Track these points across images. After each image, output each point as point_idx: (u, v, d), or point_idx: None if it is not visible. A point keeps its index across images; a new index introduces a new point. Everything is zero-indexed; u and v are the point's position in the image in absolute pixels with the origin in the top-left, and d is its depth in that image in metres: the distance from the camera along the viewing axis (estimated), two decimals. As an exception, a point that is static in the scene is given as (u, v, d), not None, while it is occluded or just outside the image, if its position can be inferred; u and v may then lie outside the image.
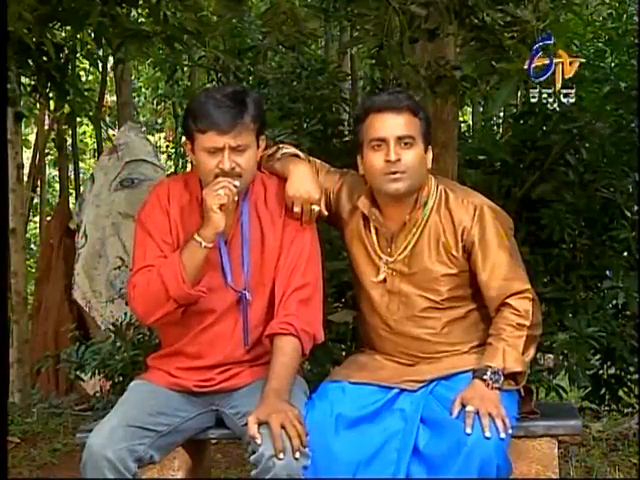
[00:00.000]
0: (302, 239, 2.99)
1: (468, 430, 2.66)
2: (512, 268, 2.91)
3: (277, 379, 2.81)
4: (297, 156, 3.12)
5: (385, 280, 2.98)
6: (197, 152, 2.94)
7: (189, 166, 10.37)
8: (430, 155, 2.98)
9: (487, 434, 2.65)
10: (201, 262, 2.88)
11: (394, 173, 2.89)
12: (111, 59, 8.72)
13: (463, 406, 2.72)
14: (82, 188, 9.63)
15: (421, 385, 2.88)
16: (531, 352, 2.87)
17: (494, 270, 2.89)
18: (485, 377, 2.77)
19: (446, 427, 2.72)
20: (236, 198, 2.89)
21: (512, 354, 2.81)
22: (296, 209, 2.98)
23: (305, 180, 3.02)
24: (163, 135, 15.24)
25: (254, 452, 2.67)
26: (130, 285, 2.95)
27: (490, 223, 2.93)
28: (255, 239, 2.98)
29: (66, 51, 4.95)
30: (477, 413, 2.69)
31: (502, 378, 2.79)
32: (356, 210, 3.04)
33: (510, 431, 2.71)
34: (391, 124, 2.91)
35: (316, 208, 2.99)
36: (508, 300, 2.87)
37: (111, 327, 5.15)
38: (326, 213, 3.05)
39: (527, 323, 2.85)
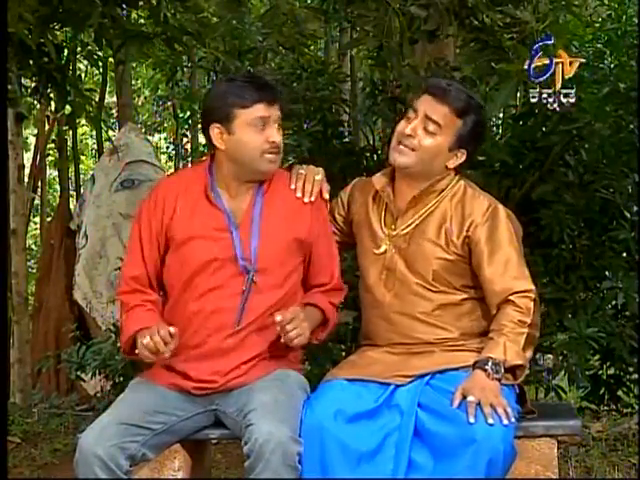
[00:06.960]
0: (328, 231, 3.10)
1: (471, 419, 2.69)
2: (519, 268, 2.95)
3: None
4: None
5: (385, 254, 3.02)
6: (239, 130, 2.92)
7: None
8: (456, 157, 3.02)
9: (490, 421, 2.68)
10: None
11: (405, 145, 2.97)
12: (111, 60, 8.73)
13: (464, 397, 2.74)
14: (82, 189, 9.63)
15: (412, 380, 2.89)
16: (529, 351, 2.89)
17: (500, 267, 2.93)
18: (487, 367, 2.79)
19: (449, 416, 2.74)
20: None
21: (513, 348, 2.84)
22: (299, 183, 3.03)
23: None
24: (163, 136, 15.27)
25: (247, 442, 2.68)
26: (121, 280, 3.04)
27: (502, 222, 2.98)
28: (268, 225, 2.98)
29: (67, 52, 4.96)
30: (478, 403, 2.71)
31: (503, 370, 2.81)
32: (367, 198, 3.11)
33: (513, 420, 2.73)
34: (431, 105, 2.98)
35: (318, 177, 3.05)
36: (511, 297, 2.90)
37: (112, 327, 5.16)
38: (328, 187, 3.09)
39: (528, 321, 2.87)
